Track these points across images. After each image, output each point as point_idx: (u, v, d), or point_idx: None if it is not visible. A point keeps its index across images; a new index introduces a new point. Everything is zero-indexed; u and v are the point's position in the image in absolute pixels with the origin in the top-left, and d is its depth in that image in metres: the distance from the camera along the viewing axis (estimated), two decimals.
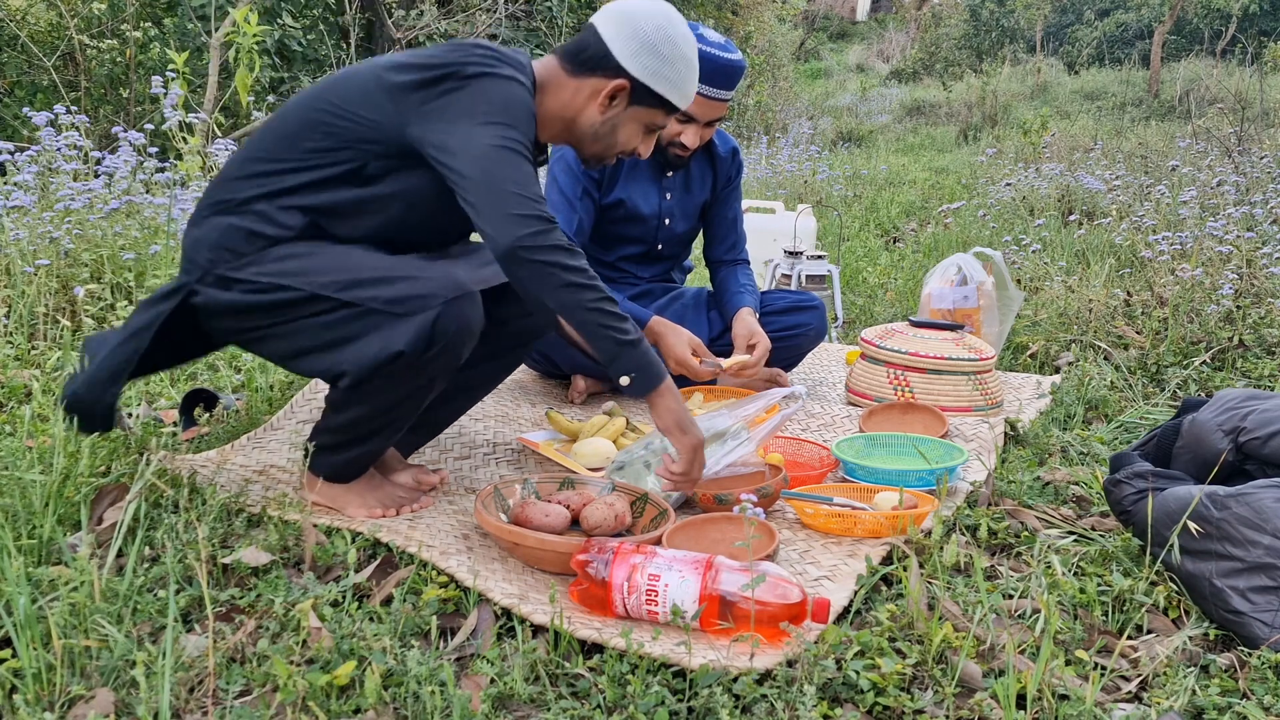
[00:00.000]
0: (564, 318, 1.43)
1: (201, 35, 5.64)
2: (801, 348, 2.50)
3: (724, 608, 1.25)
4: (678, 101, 1.59)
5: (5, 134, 5.73)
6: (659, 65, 1.54)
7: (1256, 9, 13.69)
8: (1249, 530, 1.30)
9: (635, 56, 1.53)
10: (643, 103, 1.57)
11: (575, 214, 2.29)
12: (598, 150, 1.63)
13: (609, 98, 1.55)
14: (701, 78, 2.15)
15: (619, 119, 1.58)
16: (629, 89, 1.55)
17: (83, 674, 1.12)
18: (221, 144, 3.48)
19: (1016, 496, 1.78)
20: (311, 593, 1.30)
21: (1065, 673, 1.19)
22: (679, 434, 1.51)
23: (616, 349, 1.43)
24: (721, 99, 2.20)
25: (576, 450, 1.91)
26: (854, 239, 5.20)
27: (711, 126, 2.27)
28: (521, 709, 1.14)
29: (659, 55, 1.53)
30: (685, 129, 2.24)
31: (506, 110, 1.42)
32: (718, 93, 2.18)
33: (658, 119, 1.61)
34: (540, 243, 1.36)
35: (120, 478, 1.61)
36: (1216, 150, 5.88)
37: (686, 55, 1.56)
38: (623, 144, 1.62)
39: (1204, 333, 2.85)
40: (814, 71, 18.49)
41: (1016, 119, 10.29)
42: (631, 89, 1.55)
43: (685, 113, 2.21)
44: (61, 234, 2.62)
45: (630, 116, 1.59)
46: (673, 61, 1.54)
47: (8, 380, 2.10)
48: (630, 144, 1.63)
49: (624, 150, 1.63)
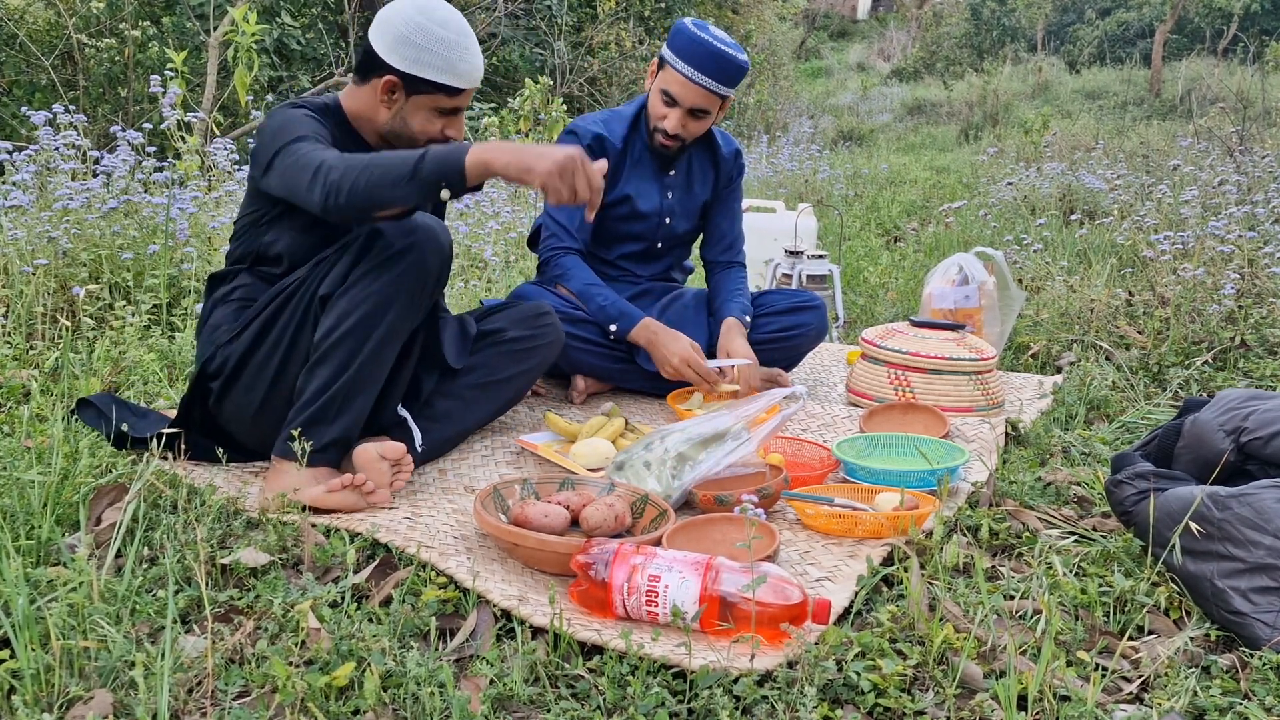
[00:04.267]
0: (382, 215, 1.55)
1: (200, 34, 5.64)
2: (802, 348, 2.50)
3: (724, 609, 1.25)
4: (452, 81, 1.69)
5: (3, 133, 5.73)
6: (416, 53, 1.66)
7: (1258, 8, 13.68)
8: (1250, 531, 1.29)
9: (394, 51, 1.67)
10: (419, 90, 1.70)
11: (579, 209, 2.29)
12: (405, 145, 1.74)
13: (387, 93, 1.70)
14: (689, 60, 2.17)
15: (404, 110, 1.72)
16: (399, 82, 1.69)
17: (81, 675, 1.11)
18: (220, 143, 3.47)
19: (1018, 497, 1.78)
20: (310, 593, 1.30)
21: (1066, 674, 1.19)
22: (528, 175, 1.47)
23: (410, 183, 1.48)
24: (707, 87, 2.19)
25: (575, 451, 1.91)
26: (855, 238, 5.19)
27: (700, 119, 2.26)
28: (521, 710, 1.13)
29: (413, 44, 1.66)
30: (669, 112, 2.24)
31: (281, 131, 1.63)
32: (704, 79, 2.18)
33: (443, 102, 1.71)
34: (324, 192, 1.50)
35: (119, 478, 1.60)
36: (1218, 149, 5.87)
37: (443, 37, 1.66)
38: (421, 132, 1.74)
39: (1206, 332, 2.84)
40: (814, 70, 18.48)
41: (1018, 118, 10.28)
42: (402, 81, 1.69)
43: (667, 94, 2.22)
44: (60, 234, 2.61)
45: (414, 105, 1.71)
46: (428, 48, 1.66)
47: (6, 380, 2.09)
48: (430, 130, 1.74)
49: (426, 138, 1.74)
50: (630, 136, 2.36)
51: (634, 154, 2.37)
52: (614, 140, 2.33)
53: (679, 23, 2.23)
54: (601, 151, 2.31)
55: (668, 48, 2.22)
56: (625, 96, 8.92)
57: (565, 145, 1.59)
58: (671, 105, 2.24)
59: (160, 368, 2.26)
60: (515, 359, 1.99)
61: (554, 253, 2.31)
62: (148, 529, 1.47)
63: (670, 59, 2.21)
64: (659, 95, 2.25)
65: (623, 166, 2.36)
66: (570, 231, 2.32)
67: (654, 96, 2.27)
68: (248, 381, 1.68)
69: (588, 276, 2.29)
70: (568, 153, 1.46)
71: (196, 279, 2.74)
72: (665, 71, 2.23)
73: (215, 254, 2.86)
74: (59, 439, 1.55)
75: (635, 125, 2.37)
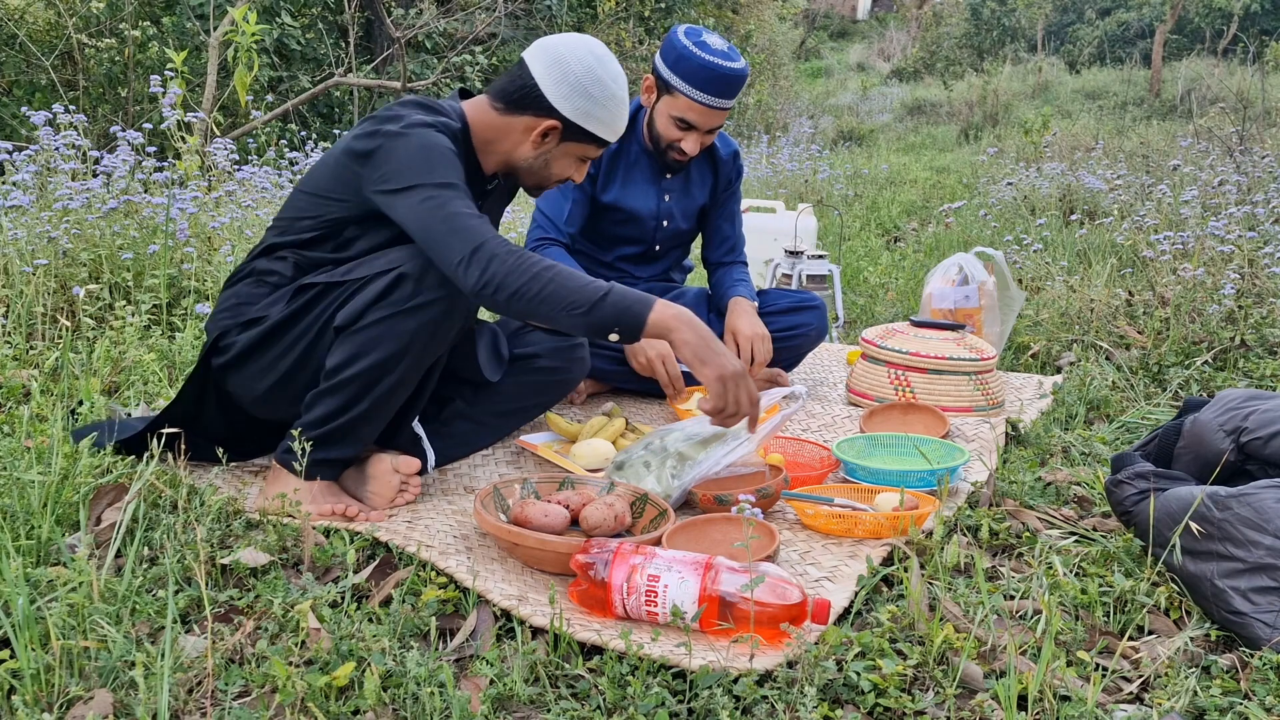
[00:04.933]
0: (534, 323, 1.48)
1: (200, 34, 5.64)
2: (802, 348, 2.50)
3: (724, 609, 1.25)
4: (607, 136, 1.66)
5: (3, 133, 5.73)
6: (589, 106, 1.60)
7: (1258, 8, 13.68)
8: (1250, 531, 1.29)
9: (567, 99, 1.59)
10: (574, 139, 1.65)
11: (566, 201, 2.29)
12: (534, 182, 1.73)
13: (541, 135, 1.63)
14: (702, 86, 2.14)
15: (552, 154, 1.67)
16: (560, 129, 1.62)
17: (81, 675, 1.11)
18: (220, 143, 3.47)
19: (1018, 497, 1.78)
20: (310, 593, 1.30)
21: (1067, 674, 1.19)
22: (699, 366, 1.46)
23: (584, 316, 1.43)
24: (723, 107, 2.19)
25: (575, 451, 1.91)
26: (855, 238, 5.19)
27: (713, 133, 2.26)
28: (521, 710, 1.13)
29: (589, 96, 1.59)
30: (686, 135, 2.23)
31: (427, 162, 1.50)
32: (719, 102, 2.17)
33: (589, 152, 1.69)
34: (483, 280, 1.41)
35: (119, 478, 1.60)
36: (1218, 149, 5.87)
37: (615, 94, 1.62)
38: (557, 175, 1.71)
39: (1206, 332, 2.84)
40: (814, 70, 18.48)
41: (1018, 118, 10.28)
42: (563, 128, 1.62)
43: (686, 120, 2.21)
44: (60, 234, 2.61)
45: (563, 151, 1.67)
46: (603, 103, 1.61)
47: (6, 380, 2.09)
48: (564, 174, 1.71)
49: (560, 180, 1.73)
50: (626, 138, 2.35)
51: (630, 157, 2.37)
52: None
53: (678, 43, 2.16)
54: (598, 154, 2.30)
55: (671, 72, 2.16)
56: None
57: (736, 358, 1.50)
58: (688, 129, 2.22)
59: (160, 368, 2.26)
60: (541, 390, 2.01)
61: (538, 244, 2.30)
62: (148, 529, 1.47)
63: (679, 85, 2.15)
64: (671, 121, 2.22)
65: (617, 169, 2.35)
66: (556, 224, 2.31)
67: (664, 120, 2.23)
68: (254, 372, 1.63)
69: (568, 266, 2.29)
70: (737, 366, 1.48)
71: (196, 279, 2.74)
72: (675, 99, 2.18)
73: (215, 254, 2.86)
74: (59, 439, 1.55)
75: (631, 127, 2.36)
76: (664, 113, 2.23)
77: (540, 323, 1.46)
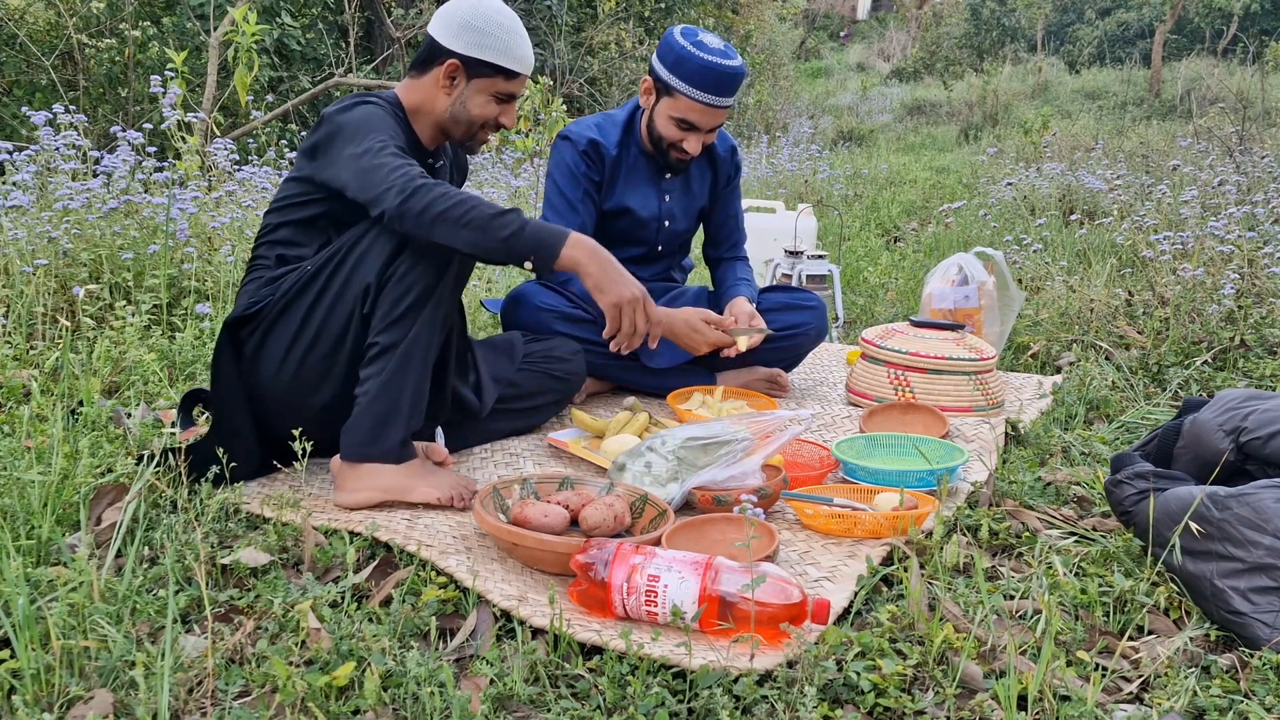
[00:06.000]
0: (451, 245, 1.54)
1: (200, 34, 5.64)
2: (802, 348, 2.50)
3: (724, 608, 1.25)
4: (511, 65, 1.74)
5: (4, 133, 5.73)
6: (478, 38, 1.71)
7: (1258, 8, 13.68)
8: (1250, 531, 1.29)
9: (457, 36, 1.71)
10: (480, 74, 1.74)
11: (579, 217, 2.28)
12: (462, 131, 1.80)
13: (448, 79, 1.74)
14: (703, 86, 2.15)
15: (464, 95, 1.76)
16: (461, 65, 1.73)
17: (81, 674, 1.12)
18: (220, 143, 3.47)
19: (1017, 497, 1.78)
20: (310, 593, 1.30)
21: (1066, 673, 1.19)
22: (598, 295, 1.59)
23: (502, 241, 1.52)
24: (723, 106, 2.19)
25: (605, 447, 1.91)
26: (855, 238, 5.19)
27: (714, 132, 2.27)
28: (521, 710, 1.13)
29: (475, 29, 1.71)
30: (688, 136, 2.23)
31: (361, 127, 1.64)
32: (719, 100, 2.18)
33: (501, 86, 1.76)
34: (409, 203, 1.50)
35: (119, 478, 1.60)
36: (1218, 150, 5.87)
37: (503, 23, 1.72)
38: (479, 117, 1.78)
39: (1205, 332, 2.84)
40: (814, 70, 18.48)
41: (1017, 118, 10.28)
42: (463, 65, 1.73)
43: (687, 121, 2.21)
44: (60, 234, 2.61)
45: (474, 89, 1.75)
46: (490, 32, 1.71)
47: (6, 380, 2.09)
48: (486, 115, 1.78)
49: (484, 122, 1.79)
50: (624, 141, 2.35)
51: (629, 160, 2.37)
52: (609, 146, 2.32)
53: (676, 45, 2.16)
54: (597, 157, 2.30)
55: (671, 73, 2.17)
56: (625, 96, 8.93)
57: (635, 283, 1.62)
58: (690, 129, 2.22)
59: (160, 368, 2.26)
60: (551, 382, 2.11)
61: None
62: (148, 529, 1.47)
63: (679, 86, 2.16)
64: (672, 122, 2.22)
65: (619, 174, 2.35)
66: None
67: (665, 122, 2.23)
68: (278, 348, 1.67)
69: None
70: (634, 292, 1.61)
71: (196, 279, 2.74)
72: (675, 100, 2.19)
73: (215, 254, 2.86)
74: (59, 439, 1.55)
75: (629, 130, 2.36)
76: (664, 114, 2.23)
77: (461, 247, 1.53)
